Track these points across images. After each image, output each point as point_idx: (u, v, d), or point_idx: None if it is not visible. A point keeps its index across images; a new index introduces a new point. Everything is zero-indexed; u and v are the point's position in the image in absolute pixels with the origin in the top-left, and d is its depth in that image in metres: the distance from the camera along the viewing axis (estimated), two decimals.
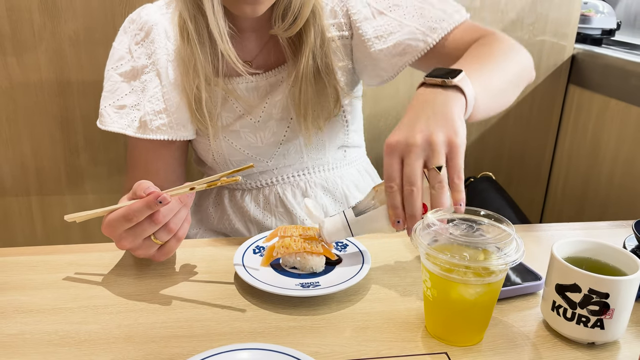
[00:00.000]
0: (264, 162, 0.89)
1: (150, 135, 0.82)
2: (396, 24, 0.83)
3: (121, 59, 0.85)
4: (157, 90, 0.83)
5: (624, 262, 0.57)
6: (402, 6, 0.83)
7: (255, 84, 0.85)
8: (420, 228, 0.56)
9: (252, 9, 0.74)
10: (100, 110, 0.85)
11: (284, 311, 0.61)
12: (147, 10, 0.86)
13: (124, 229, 0.62)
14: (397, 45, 0.83)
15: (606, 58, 1.27)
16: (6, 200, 1.27)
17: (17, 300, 0.62)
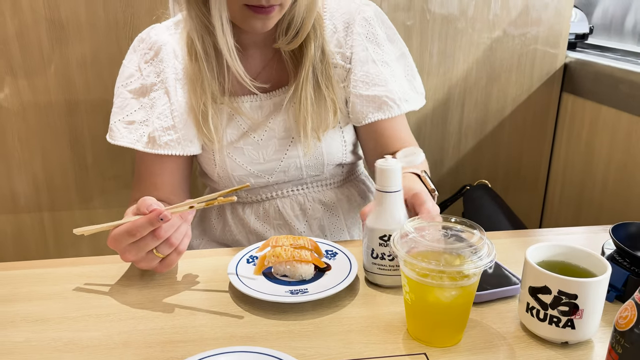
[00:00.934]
0: (265, 178, 0.92)
1: (159, 150, 0.86)
2: (382, 78, 0.89)
3: (131, 76, 0.89)
4: (165, 108, 0.86)
5: (594, 264, 0.60)
6: (392, 67, 0.91)
7: (259, 103, 0.89)
8: (398, 237, 0.60)
9: (262, 24, 0.78)
10: (110, 125, 0.89)
11: (275, 317, 0.65)
12: (156, 31, 0.91)
13: (127, 243, 0.66)
14: (376, 98, 0.88)
15: (597, 66, 1.30)
16: (20, 217, 1.33)
17: (25, 310, 0.66)
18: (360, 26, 0.89)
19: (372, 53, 0.89)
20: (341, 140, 0.93)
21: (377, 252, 0.69)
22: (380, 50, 0.90)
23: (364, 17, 0.90)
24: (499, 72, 1.41)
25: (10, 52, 1.20)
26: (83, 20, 1.20)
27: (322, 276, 0.71)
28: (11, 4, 1.17)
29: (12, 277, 0.75)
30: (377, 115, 0.89)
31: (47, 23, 1.19)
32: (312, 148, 0.90)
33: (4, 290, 0.71)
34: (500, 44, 1.38)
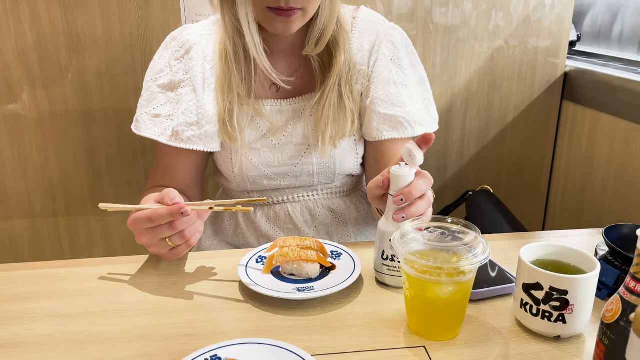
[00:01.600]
0: (278, 180, 0.96)
1: (182, 144, 0.90)
2: (401, 100, 0.93)
3: (160, 71, 0.93)
4: (191, 104, 0.91)
5: (584, 263, 0.63)
6: (411, 91, 0.95)
7: (279, 107, 0.93)
8: (399, 237, 0.64)
9: (284, 27, 0.82)
10: (137, 117, 0.94)
11: (282, 312, 0.69)
12: (189, 30, 0.95)
13: (145, 227, 0.72)
14: (393, 118, 0.92)
15: (596, 75, 1.33)
16: (36, 221, 1.38)
17: (49, 306, 0.71)
18: (387, 48, 0.94)
19: (395, 75, 0.93)
20: (354, 152, 0.97)
21: (387, 254, 0.72)
22: (402, 74, 0.94)
23: (391, 41, 0.94)
24: (501, 81, 1.45)
25: (29, 62, 1.25)
26: (99, 34, 1.25)
27: (328, 275, 0.74)
28: (30, 16, 1.22)
29: (35, 276, 0.79)
30: (391, 134, 0.93)
31: (65, 36, 1.24)
32: (327, 155, 0.94)
33: (27, 288, 0.76)
34: (502, 54, 1.42)
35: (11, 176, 1.33)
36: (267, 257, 0.78)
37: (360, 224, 1.03)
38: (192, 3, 1.25)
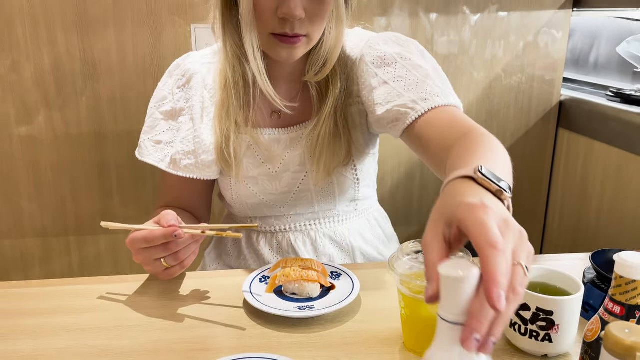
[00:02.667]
0: (277, 208, 0.98)
1: (179, 172, 0.93)
2: (395, 93, 0.86)
3: (164, 99, 0.96)
4: (189, 133, 0.93)
5: (570, 285, 0.67)
6: (406, 78, 0.87)
7: (277, 136, 0.94)
8: (395, 259, 0.68)
9: (288, 53, 0.83)
10: (140, 142, 0.97)
11: (284, 330, 0.72)
12: (191, 59, 0.97)
13: (141, 247, 0.75)
14: (390, 112, 0.86)
15: (589, 104, 1.38)
16: (47, 240, 1.42)
17: (63, 322, 0.75)
18: (367, 55, 0.90)
19: (382, 75, 0.88)
20: (353, 177, 0.97)
21: None
22: (390, 69, 0.88)
23: (369, 46, 0.91)
24: (498, 109, 1.50)
25: (46, 86, 1.32)
26: (114, 61, 1.31)
27: (328, 294, 0.78)
28: (49, 43, 1.29)
29: (48, 292, 0.83)
30: (399, 126, 0.86)
31: (81, 63, 1.31)
32: (322, 182, 0.94)
33: (42, 304, 0.80)
34: (499, 82, 1.48)
35: (26, 197, 1.38)
36: (270, 276, 0.82)
37: (363, 252, 1.03)
38: (203, 33, 1.31)
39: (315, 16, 0.81)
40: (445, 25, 1.41)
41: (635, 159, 1.22)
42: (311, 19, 0.81)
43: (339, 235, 1.01)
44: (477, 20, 1.42)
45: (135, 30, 1.30)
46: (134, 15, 1.29)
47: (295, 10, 0.78)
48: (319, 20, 0.82)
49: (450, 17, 1.41)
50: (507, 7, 1.42)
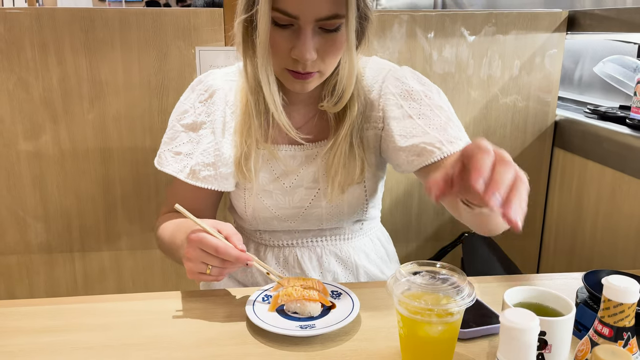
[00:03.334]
0: (287, 222, 1.02)
1: (198, 183, 0.96)
2: (420, 130, 0.92)
3: (185, 112, 0.99)
4: (210, 146, 0.96)
5: (562, 306, 0.70)
6: (430, 117, 0.93)
7: (293, 152, 0.99)
8: (394, 280, 0.70)
9: (301, 86, 0.88)
10: (160, 152, 1.00)
11: (287, 348, 0.75)
12: (214, 76, 1.01)
13: (205, 250, 0.79)
14: (415, 147, 0.91)
15: (584, 124, 1.41)
16: (53, 257, 1.45)
17: (72, 340, 0.77)
18: (392, 86, 0.96)
19: (408, 109, 0.94)
20: (363, 197, 1.00)
21: None
22: (416, 104, 0.94)
23: (395, 77, 0.96)
24: (495, 128, 1.53)
25: (54, 105, 1.35)
26: (120, 81, 1.35)
27: (328, 313, 0.81)
28: (57, 64, 1.32)
29: (56, 311, 0.85)
30: (420, 161, 0.90)
31: (88, 83, 1.34)
32: (336, 200, 0.98)
33: (51, 322, 0.82)
34: (495, 102, 1.51)
35: (32, 214, 1.41)
36: (272, 295, 0.84)
37: (367, 271, 1.06)
38: (207, 55, 1.35)
39: (326, 55, 0.86)
40: (443, 45, 1.45)
41: (628, 179, 1.25)
42: (323, 58, 0.85)
43: (344, 253, 1.05)
44: (474, 41, 1.46)
45: (141, 52, 1.34)
46: (140, 38, 1.33)
47: (307, 54, 0.82)
48: (331, 58, 0.87)
49: (447, 37, 1.45)
50: (503, 28, 1.46)
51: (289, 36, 0.83)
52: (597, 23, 1.40)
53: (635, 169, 1.22)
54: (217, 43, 1.35)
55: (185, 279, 1.52)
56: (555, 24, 1.47)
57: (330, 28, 0.83)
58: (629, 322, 0.56)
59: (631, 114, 1.32)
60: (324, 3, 0.81)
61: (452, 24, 1.44)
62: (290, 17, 0.81)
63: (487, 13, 1.45)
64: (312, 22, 0.82)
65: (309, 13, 0.81)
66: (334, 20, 0.82)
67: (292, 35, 0.83)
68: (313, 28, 0.83)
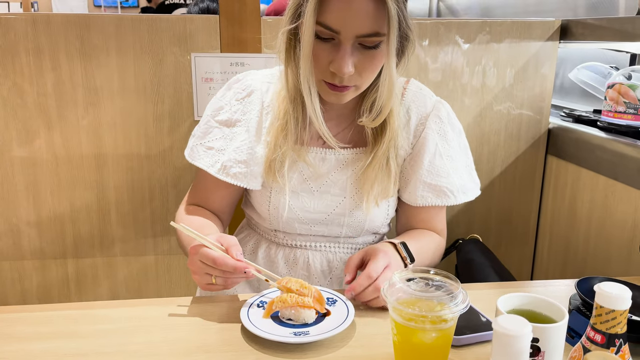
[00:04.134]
0: (308, 225, 1.02)
1: (228, 179, 0.98)
2: (445, 171, 1.00)
3: (220, 108, 1.01)
4: (244, 144, 0.98)
5: (555, 312, 0.70)
6: (455, 161, 1.02)
7: (323, 155, 1.00)
8: (387, 287, 0.70)
9: (337, 98, 0.91)
10: (192, 145, 1.02)
11: (280, 355, 0.75)
12: (253, 77, 1.03)
13: (206, 263, 0.81)
14: (437, 187, 1.00)
15: (576, 132, 1.43)
16: (45, 263, 1.44)
17: (66, 346, 0.77)
18: (434, 122, 1.01)
19: (440, 147, 1.00)
20: (385, 211, 1.03)
21: None
22: (447, 146, 1.01)
23: (438, 115, 1.01)
24: (489, 135, 1.54)
25: (48, 111, 1.35)
26: (115, 88, 1.35)
27: (323, 320, 0.81)
28: (52, 70, 1.32)
29: (50, 317, 0.85)
30: (435, 201, 1.00)
31: (83, 89, 1.34)
32: (371, 212, 1.00)
33: (45, 328, 0.82)
34: (490, 110, 1.52)
35: (25, 220, 1.40)
36: (267, 302, 0.84)
37: None
38: (202, 62, 1.35)
39: (364, 71, 0.88)
40: (438, 53, 1.46)
41: (620, 187, 1.26)
42: (360, 73, 0.88)
43: None
44: (468, 48, 1.47)
45: (137, 58, 1.34)
46: (136, 44, 1.33)
47: (345, 68, 0.85)
48: (368, 74, 0.89)
49: (442, 45, 1.46)
50: (497, 37, 1.47)
51: (330, 49, 0.86)
52: (589, 32, 1.42)
53: (628, 177, 1.23)
54: (213, 50, 1.35)
55: (179, 285, 1.52)
56: (549, 32, 1.48)
57: (370, 45, 0.86)
58: (620, 328, 0.57)
59: (602, 117, 1.41)
60: (365, 20, 0.83)
61: (446, 32, 1.45)
62: (332, 31, 0.84)
63: (481, 21, 1.46)
64: (353, 38, 0.84)
65: (350, 29, 0.84)
66: (373, 38, 0.85)
67: (333, 49, 0.86)
68: (353, 44, 0.85)
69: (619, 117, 1.38)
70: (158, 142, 1.40)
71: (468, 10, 2.67)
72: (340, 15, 0.83)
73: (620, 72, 1.50)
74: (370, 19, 0.83)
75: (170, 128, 1.40)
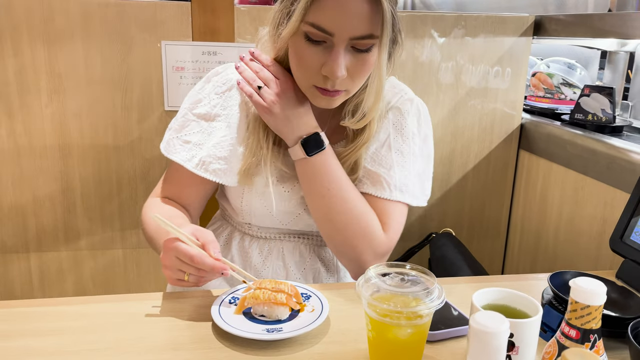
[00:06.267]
0: (280, 221, 1.00)
1: (207, 175, 0.94)
2: (388, 162, 0.95)
3: (199, 101, 0.98)
4: (224, 140, 0.95)
5: (529, 307, 0.70)
6: (406, 158, 0.96)
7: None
8: (363, 281, 0.69)
9: (327, 103, 0.89)
10: (167, 139, 0.98)
11: (252, 352, 0.73)
12: (233, 70, 0.98)
13: (181, 258, 0.78)
14: (375, 175, 0.95)
15: (548, 127, 1.44)
16: (6, 257, 1.38)
17: (27, 345, 0.73)
18: (392, 114, 0.97)
19: (392, 139, 0.96)
20: None
21: None
22: (401, 140, 0.97)
23: (399, 108, 0.98)
24: (463, 130, 1.54)
25: (9, 97, 1.28)
26: (81, 75, 1.30)
27: (297, 316, 0.79)
28: (13, 55, 1.26)
29: (8, 314, 0.81)
30: (370, 189, 0.95)
31: (47, 75, 1.29)
32: None
33: (8, 326, 0.78)
34: (464, 105, 1.53)
35: None
36: (239, 298, 0.82)
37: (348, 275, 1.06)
38: (173, 50, 1.31)
39: (356, 74, 0.86)
40: (413, 47, 1.46)
41: (590, 181, 1.28)
42: (352, 77, 0.86)
43: (327, 256, 1.05)
44: (443, 43, 1.47)
45: (104, 44, 1.29)
46: (103, 29, 1.28)
47: (339, 71, 0.82)
48: (360, 77, 0.87)
49: (417, 39, 1.45)
50: (472, 31, 1.47)
51: (321, 52, 0.84)
52: (562, 28, 1.43)
53: (597, 172, 1.25)
54: (184, 38, 1.31)
55: (148, 280, 1.48)
56: (522, 28, 1.49)
57: (363, 48, 0.83)
58: (595, 324, 0.57)
59: (526, 101, 1.61)
60: (361, 22, 0.81)
61: (422, 25, 1.45)
62: (326, 33, 0.81)
63: (456, 15, 1.46)
64: (347, 40, 0.82)
65: (345, 31, 0.81)
66: (367, 40, 0.82)
67: (324, 52, 0.83)
68: (346, 46, 0.83)
69: (539, 100, 1.65)
70: (126, 132, 1.36)
71: (442, 5, 2.68)
72: (335, 16, 0.80)
73: (542, 62, 1.70)
74: (365, 20, 0.81)
75: (140, 118, 1.35)
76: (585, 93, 1.39)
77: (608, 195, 1.23)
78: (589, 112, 1.37)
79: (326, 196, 0.92)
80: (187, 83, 1.33)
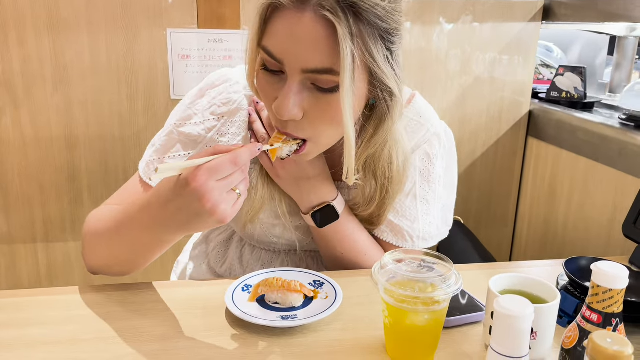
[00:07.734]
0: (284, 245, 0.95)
1: None
2: (413, 214, 0.87)
3: (189, 118, 0.82)
4: None
5: (547, 293, 0.69)
6: (431, 204, 0.88)
7: None
8: (379, 267, 0.68)
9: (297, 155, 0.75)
10: (147, 159, 0.84)
11: (267, 339, 0.72)
12: (238, 88, 0.83)
13: (226, 174, 0.63)
14: (398, 228, 0.88)
15: (557, 114, 1.43)
16: (14, 247, 1.37)
17: (39, 333, 0.72)
18: (420, 160, 0.87)
19: (418, 188, 0.88)
20: None
21: None
22: (427, 188, 0.88)
23: (427, 152, 0.87)
24: (470, 117, 1.53)
25: (14, 88, 1.27)
26: (86, 65, 1.29)
27: (310, 303, 0.78)
28: (18, 45, 1.25)
29: (20, 303, 0.80)
30: (391, 239, 0.89)
31: (52, 66, 1.28)
32: None
33: (15, 315, 0.77)
34: (472, 91, 1.51)
35: None
36: (252, 285, 0.81)
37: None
38: (179, 37, 1.30)
39: (317, 119, 0.70)
40: (421, 34, 1.44)
41: (601, 168, 1.27)
42: (313, 122, 0.71)
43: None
44: (451, 29, 1.45)
45: (109, 33, 1.27)
46: (108, 18, 1.26)
47: (286, 109, 0.68)
48: (323, 123, 0.71)
49: (425, 26, 1.44)
50: (480, 18, 1.46)
51: (277, 84, 0.70)
52: (571, 12, 1.42)
53: (608, 157, 1.24)
54: (190, 25, 1.30)
55: (155, 268, 1.47)
56: (531, 13, 1.47)
57: (325, 87, 0.68)
58: (617, 308, 0.56)
59: None
60: (315, 51, 0.65)
61: (430, 12, 1.43)
62: (276, 60, 0.68)
63: (464, 1, 1.44)
64: (299, 73, 0.67)
65: (294, 60, 0.66)
66: (327, 76, 0.66)
67: (280, 85, 0.69)
68: (302, 81, 0.68)
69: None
70: (132, 121, 1.35)
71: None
72: (284, 40, 0.66)
73: None
74: (320, 50, 0.65)
75: (145, 107, 1.34)
76: (559, 73, 1.47)
77: (619, 181, 1.22)
78: (563, 90, 1.46)
79: (339, 258, 0.89)
80: (193, 71, 1.32)
